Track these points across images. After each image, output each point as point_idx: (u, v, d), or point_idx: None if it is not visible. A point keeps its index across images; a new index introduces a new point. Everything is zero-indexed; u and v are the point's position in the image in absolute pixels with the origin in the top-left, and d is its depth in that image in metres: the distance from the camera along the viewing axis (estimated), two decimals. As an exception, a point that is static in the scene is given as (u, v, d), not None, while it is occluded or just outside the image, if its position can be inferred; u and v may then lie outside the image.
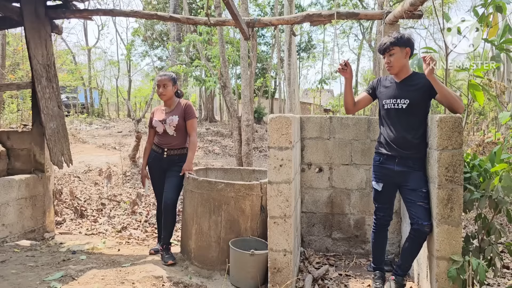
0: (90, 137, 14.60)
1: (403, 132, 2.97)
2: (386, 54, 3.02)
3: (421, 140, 2.96)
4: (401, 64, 3.00)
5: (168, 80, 3.77)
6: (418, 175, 2.94)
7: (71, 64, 23.50)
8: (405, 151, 2.97)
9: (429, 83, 2.84)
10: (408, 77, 3.04)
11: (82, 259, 3.65)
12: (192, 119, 3.80)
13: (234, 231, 3.38)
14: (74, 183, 7.83)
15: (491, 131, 10.20)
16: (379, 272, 3.21)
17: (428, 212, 2.89)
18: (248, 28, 4.66)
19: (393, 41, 2.96)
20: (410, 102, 2.93)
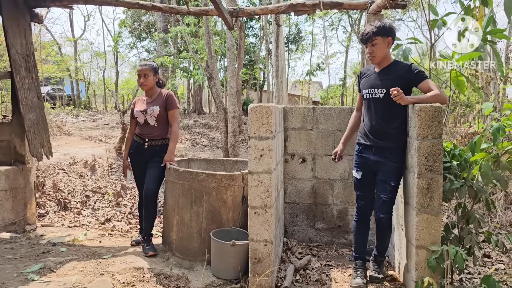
0: (76, 130, 14.43)
1: (380, 121, 3.00)
2: (369, 44, 3.01)
3: (399, 131, 2.96)
4: (383, 53, 3.00)
5: (149, 69, 3.71)
6: (391, 166, 2.98)
7: (57, 55, 23.12)
8: (381, 141, 3.01)
9: (408, 73, 2.89)
10: (388, 66, 3.04)
11: (62, 251, 3.60)
12: (174, 109, 3.75)
13: (216, 222, 3.36)
14: (59, 175, 7.73)
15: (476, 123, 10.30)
16: (360, 261, 3.22)
17: (388, 205, 3.01)
18: (231, 18, 4.61)
19: (375, 30, 2.95)
20: (386, 91, 2.94)
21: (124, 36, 26.94)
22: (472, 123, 11.55)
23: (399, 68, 3.00)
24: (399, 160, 2.99)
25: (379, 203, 3.05)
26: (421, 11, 22.77)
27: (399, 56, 3.33)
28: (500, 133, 2.44)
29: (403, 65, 3.01)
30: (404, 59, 3.28)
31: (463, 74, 3.00)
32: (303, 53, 29.17)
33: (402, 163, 3.00)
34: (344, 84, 23.87)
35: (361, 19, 21.80)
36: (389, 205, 3.04)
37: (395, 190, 3.01)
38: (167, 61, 15.16)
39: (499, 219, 5.06)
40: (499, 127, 2.44)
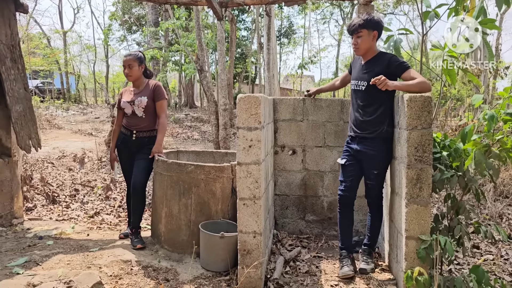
0: (66, 123, 14.29)
1: (362, 113, 3.11)
2: (354, 35, 3.08)
3: (380, 121, 3.04)
4: (367, 46, 3.08)
5: (133, 60, 3.65)
6: (373, 156, 3.09)
7: (46, 48, 22.83)
8: (363, 132, 3.12)
9: (389, 65, 2.98)
10: (373, 58, 3.12)
11: (49, 244, 3.55)
12: (162, 100, 3.69)
13: (205, 214, 3.33)
14: (47, 169, 7.64)
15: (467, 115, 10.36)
16: (345, 251, 3.22)
17: (373, 190, 3.20)
18: (221, 8, 4.55)
19: (362, 23, 3.01)
20: (367, 84, 3.02)
21: (114, 29, 26.71)
22: (463, 117, 11.62)
23: (381, 61, 3.06)
24: (381, 150, 3.08)
25: (366, 189, 3.25)
26: (412, 4, 22.80)
27: (390, 48, 3.31)
28: (493, 121, 2.42)
29: (385, 57, 3.07)
30: (395, 50, 3.27)
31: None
32: (295, 47, 29.11)
33: (384, 152, 3.09)
34: (336, 77, 23.89)
35: (353, 12, 21.77)
36: (375, 190, 3.21)
37: (379, 178, 3.15)
38: (158, 54, 15.04)
39: (489, 210, 5.09)
40: (493, 115, 2.42)
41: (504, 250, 3.96)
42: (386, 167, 3.17)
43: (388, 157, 3.12)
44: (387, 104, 3.05)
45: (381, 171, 3.14)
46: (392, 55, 3.13)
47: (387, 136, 3.07)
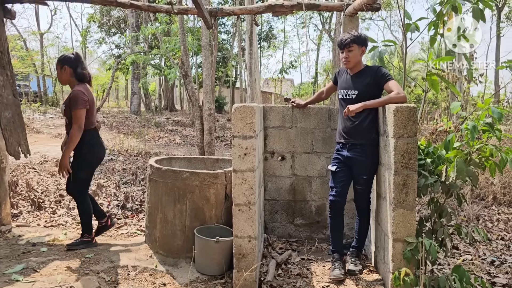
0: (44, 127, 14.07)
1: (352, 120, 3.31)
2: (345, 49, 3.30)
3: (369, 128, 3.26)
4: (357, 60, 3.32)
5: (57, 64, 3.56)
6: (362, 162, 3.29)
7: (22, 50, 22.38)
8: (353, 139, 3.33)
9: (376, 76, 3.24)
10: (360, 71, 3.36)
11: (43, 251, 3.57)
12: (75, 110, 3.43)
13: (199, 219, 3.42)
14: (30, 174, 7.55)
15: (443, 120, 10.72)
16: (337, 254, 3.38)
17: (362, 195, 3.39)
18: (210, 17, 4.65)
19: (353, 38, 3.26)
20: (358, 93, 3.27)
21: (92, 31, 26.38)
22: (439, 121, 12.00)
23: (369, 73, 3.31)
24: (370, 155, 3.28)
25: (356, 194, 3.43)
26: (389, 10, 23.35)
27: (375, 58, 3.48)
28: (475, 132, 2.61)
29: (373, 69, 3.32)
30: (379, 60, 3.44)
31: (438, 75, 3.17)
32: (275, 51, 29.41)
33: (373, 158, 3.29)
34: (315, 81, 24.22)
35: (332, 17, 22.15)
36: (364, 194, 3.40)
37: (367, 183, 3.34)
38: (139, 58, 14.99)
39: (466, 212, 5.33)
40: (475, 126, 2.61)
41: (482, 251, 4.18)
42: (374, 172, 3.36)
43: (376, 163, 3.31)
44: (375, 112, 3.29)
45: (370, 176, 3.33)
46: (378, 66, 3.37)
47: (374, 143, 3.30)
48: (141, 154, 9.92)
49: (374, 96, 3.23)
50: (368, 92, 3.24)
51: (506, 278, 3.45)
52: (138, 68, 18.70)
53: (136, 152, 10.24)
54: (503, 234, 4.71)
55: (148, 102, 23.24)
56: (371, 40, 3.67)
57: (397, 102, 3.00)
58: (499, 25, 21.61)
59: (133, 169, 8.05)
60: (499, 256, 4.05)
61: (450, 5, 3.24)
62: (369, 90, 3.25)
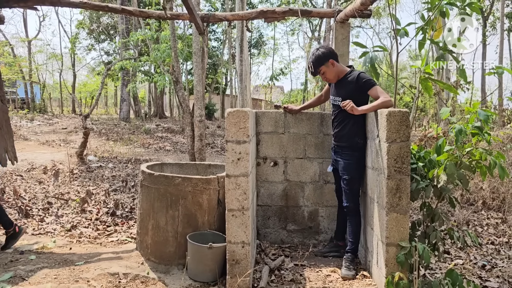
0: (32, 134, 13.89)
1: (338, 125, 3.50)
2: (318, 75, 3.49)
3: (352, 132, 3.41)
4: (335, 73, 3.48)
5: None
6: (343, 163, 3.48)
7: (9, 56, 22.14)
8: (338, 142, 3.53)
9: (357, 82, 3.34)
10: (343, 77, 3.48)
11: (32, 259, 3.50)
12: None
13: (192, 225, 3.39)
14: (17, 182, 7.43)
15: (432, 126, 10.82)
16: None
17: (348, 195, 3.48)
18: (202, 23, 4.65)
19: (315, 64, 3.43)
20: (342, 99, 3.36)
21: (81, 38, 26.23)
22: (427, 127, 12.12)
23: (351, 79, 3.42)
24: (352, 158, 3.45)
25: (343, 193, 3.55)
26: (378, 18, 23.64)
27: (366, 64, 3.50)
28: (461, 135, 2.64)
29: (354, 75, 3.42)
30: (371, 66, 3.47)
31: (432, 79, 3.20)
32: (265, 58, 29.53)
33: (356, 160, 3.45)
34: (305, 88, 24.34)
35: (322, 24, 22.34)
36: (349, 195, 3.49)
37: (351, 183, 3.47)
38: (128, 64, 14.92)
39: (456, 217, 5.37)
40: (461, 129, 2.64)
41: (473, 255, 4.21)
42: (356, 174, 3.48)
43: (359, 166, 3.48)
44: (359, 118, 3.39)
45: (352, 177, 3.45)
46: (360, 72, 3.46)
47: (357, 147, 3.43)
48: (130, 161, 9.84)
49: (359, 102, 3.29)
50: (351, 98, 3.29)
51: (498, 282, 3.48)
52: (128, 75, 18.61)
53: (125, 159, 10.16)
54: (493, 239, 4.75)
55: (137, 109, 23.12)
56: (361, 46, 3.71)
57: (385, 107, 3.05)
58: (485, 33, 21.99)
59: (123, 176, 7.97)
60: (490, 260, 4.07)
61: (438, 10, 3.28)
62: (353, 97, 3.31)
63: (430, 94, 3.10)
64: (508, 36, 24.42)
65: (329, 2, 13.18)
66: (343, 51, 4.58)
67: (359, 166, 3.47)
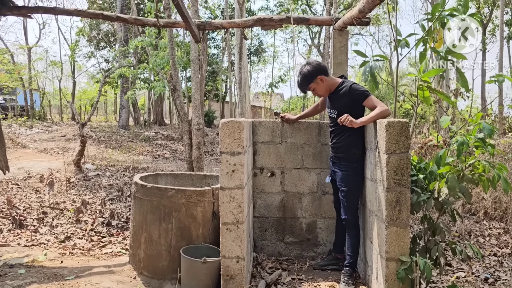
0: (30, 142, 13.81)
1: (335, 136, 3.44)
2: (309, 91, 3.48)
3: (350, 143, 3.34)
4: (325, 88, 3.44)
5: None
6: (341, 174, 3.41)
7: (9, 64, 22.12)
8: (336, 153, 3.47)
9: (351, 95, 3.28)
10: (335, 90, 3.43)
11: (21, 273, 3.40)
12: None
13: (186, 239, 3.29)
14: (12, 190, 7.33)
15: (432, 134, 10.75)
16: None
17: (346, 207, 3.40)
18: (198, 31, 4.58)
19: (304, 81, 3.40)
20: (337, 112, 3.35)
21: (81, 45, 26.26)
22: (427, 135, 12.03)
23: (343, 92, 3.35)
24: (350, 170, 3.37)
25: (341, 205, 3.46)
26: (377, 26, 23.67)
27: (366, 73, 3.44)
28: (464, 147, 2.55)
29: (346, 87, 3.35)
30: (371, 76, 3.40)
31: (431, 87, 3.13)
32: (264, 65, 29.55)
33: (354, 172, 3.36)
34: (305, 95, 24.30)
35: (321, 32, 22.35)
36: (348, 207, 3.40)
37: (349, 195, 3.38)
38: (127, 72, 14.89)
39: (458, 228, 5.27)
40: (463, 141, 2.55)
41: (475, 267, 4.10)
42: (355, 186, 3.40)
43: (357, 178, 3.39)
44: (357, 129, 3.27)
45: (350, 188, 3.37)
46: (352, 83, 3.38)
47: (355, 158, 3.36)
48: (128, 169, 9.75)
49: (355, 113, 3.22)
50: (346, 111, 3.22)
51: (501, 297, 3.37)
52: (127, 82, 18.58)
53: (123, 167, 10.06)
54: (495, 250, 4.65)
55: (137, 116, 23.09)
56: (362, 55, 3.65)
57: (384, 117, 2.99)
58: (484, 41, 22.00)
59: (120, 185, 7.88)
60: (493, 272, 3.97)
61: (439, 21, 3.23)
62: (348, 109, 3.25)
63: (428, 104, 3.03)
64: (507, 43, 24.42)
65: (328, 10, 13.18)
66: (341, 59, 4.51)
67: (358, 177, 3.39)
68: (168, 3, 7.67)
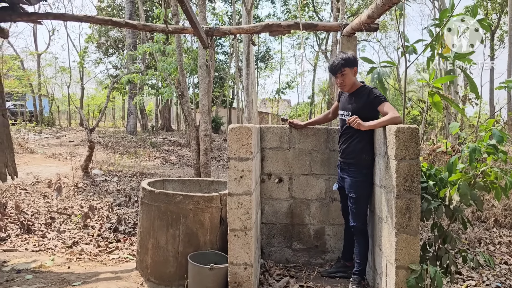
0: (39, 147, 13.90)
1: (345, 141, 3.38)
2: (338, 74, 3.32)
3: (360, 149, 3.29)
4: (352, 81, 3.35)
5: None
6: (350, 180, 3.36)
7: (19, 70, 22.37)
8: (345, 159, 3.41)
9: (369, 98, 3.24)
10: (356, 91, 3.37)
11: (28, 278, 3.40)
12: None
13: (193, 245, 3.27)
14: (21, 195, 7.37)
15: (440, 140, 10.66)
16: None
17: (354, 214, 3.35)
18: (207, 37, 4.59)
19: (343, 62, 3.27)
20: (352, 114, 3.26)
21: (90, 52, 26.50)
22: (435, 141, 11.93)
23: (363, 93, 3.31)
24: (359, 176, 3.32)
25: (350, 212, 3.41)
26: (385, 32, 23.65)
27: (374, 79, 3.42)
28: (476, 154, 2.51)
29: (367, 90, 3.32)
30: (378, 82, 3.38)
31: (441, 94, 3.10)
32: (272, 71, 29.59)
33: (363, 178, 3.31)
34: (312, 101, 24.29)
35: (329, 38, 22.36)
36: (356, 214, 3.35)
37: (358, 202, 3.33)
38: (135, 78, 14.98)
39: (467, 235, 5.20)
40: (475, 148, 2.52)
41: (485, 276, 4.03)
42: (364, 192, 3.35)
43: (366, 184, 3.34)
44: (367, 134, 3.28)
45: (359, 195, 3.32)
46: (372, 87, 3.36)
47: (365, 164, 3.31)
48: (136, 175, 9.77)
49: (368, 117, 3.18)
50: (361, 113, 3.20)
51: (514, 307, 3.31)
52: (135, 88, 18.69)
53: (131, 172, 10.09)
54: (506, 258, 4.57)
55: (144, 122, 23.19)
56: (369, 61, 3.64)
57: (393, 124, 2.94)
58: (493, 47, 21.86)
59: (127, 190, 7.89)
60: (504, 281, 3.90)
61: (447, 27, 3.21)
62: (362, 111, 3.23)
63: (440, 111, 2.99)
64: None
65: (335, 16, 13.18)
66: (349, 65, 4.48)
67: (367, 184, 3.35)
68: (176, 9, 7.71)
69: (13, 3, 4.48)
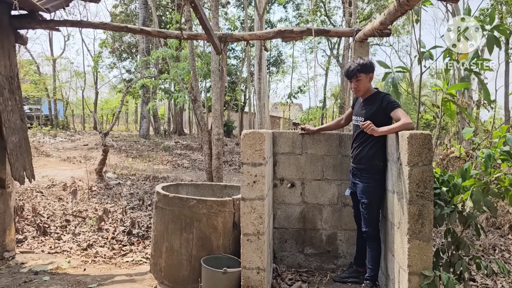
0: (54, 150, 14.12)
1: (358, 146, 3.39)
2: (353, 79, 3.34)
3: (372, 154, 3.30)
4: (366, 88, 3.37)
5: None
6: (362, 186, 3.37)
7: (35, 74, 22.78)
8: (357, 164, 3.41)
9: (382, 104, 3.25)
10: (370, 96, 3.39)
11: (45, 280, 3.47)
12: None
13: (206, 249, 3.31)
14: (37, 198, 7.51)
15: (453, 145, 10.56)
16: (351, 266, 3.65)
17: (367, 220, 3.36)
18: (220, 43, 4.65)
19: (359, 68, 3.29)
20: (364, 120, 3.27)
21: (104, 56, 26.87)
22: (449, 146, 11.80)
23: (377, 99, 3.33)
24: (371, 181, 3.33)
25: (362, 218, 3.42)
26: (397, 36, 23.51)
27: (388, 84, 3.43)
28: (491, 161, 2.51)
29: (380, 96, 3.34)
30: (393, 87, 3.39)
31: (454, 101, 3.10)
32: (283, 76, 29.63)
33: (375, 184, 3.32)
34: (324, 106, 24.25)
35: (340, 43, 22.33)
36: (368, 220, 3.37)
37: (369, 207, 3.35)
38: (148, 82, 15.14)
39: (482, 242, 5.14)
40: (490, 154, 2.51)
41: (500, 283, 3.99)
42: (376, 198, 3.36)
43: (379, 190, 3.35)
44: (380, 140, 3.29)
45: (371, 201, 3.33)
46: (386, 93, 3.39)
47: (377, 169, 3.32)
48: (149, 179, 9.87)
49: (381, 123, 3.19)
50: (373, 119, 3.21)
51: (529, 315, 3.27)
52: (148, 92, 18.89)
53: (144, 176, 10.19)
54: (521, 266, 4.51)
55: (157, 126, 23.40)
56: (384, 65, 3.65)
57: (406, 130, 2.95)
58: (508, 51, 21.59)
59: (141, 194, 7.98)
60: (519, 289, 3.85)
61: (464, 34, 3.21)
62: (375, 117, 3.25)
63: (453, 118, 2.99)
64: (532, 54, 23.87)
65: (347, 21, 13.19)
66: (362, 71, 4.49)
67: (379, 189, 3.36)
68: (189, 15, 7.80)
69: (32, 11, 4.59)
